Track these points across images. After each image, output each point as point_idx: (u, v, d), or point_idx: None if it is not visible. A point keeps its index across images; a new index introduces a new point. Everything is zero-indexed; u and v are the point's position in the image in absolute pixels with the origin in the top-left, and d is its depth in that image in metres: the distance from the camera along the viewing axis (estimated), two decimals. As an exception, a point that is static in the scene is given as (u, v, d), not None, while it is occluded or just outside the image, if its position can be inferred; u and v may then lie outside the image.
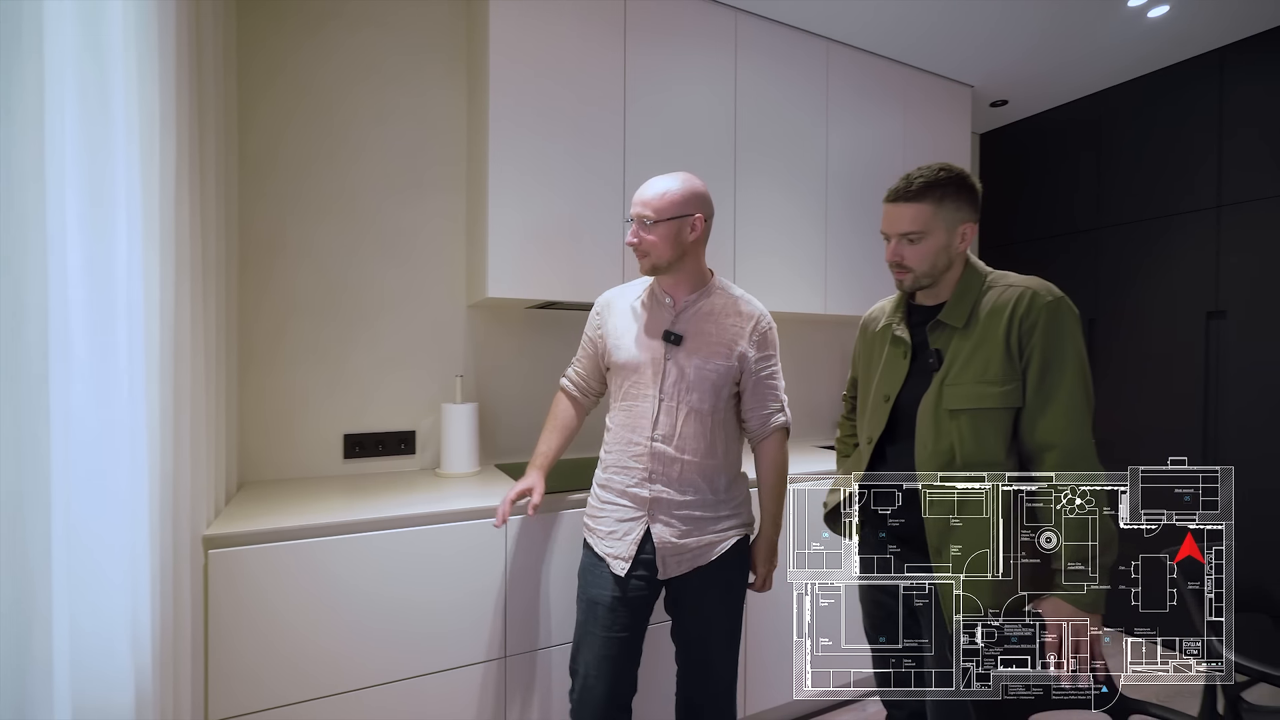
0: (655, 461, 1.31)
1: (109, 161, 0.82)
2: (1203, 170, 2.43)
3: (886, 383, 1.23)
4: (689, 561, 1.32)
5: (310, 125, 1.82)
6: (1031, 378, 1.06)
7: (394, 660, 1.40)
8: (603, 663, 1.31)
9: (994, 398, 1.07)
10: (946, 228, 1.14)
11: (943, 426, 1.11)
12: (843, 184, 2.43)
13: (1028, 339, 1.07)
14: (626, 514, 1.33)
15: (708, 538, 1.32)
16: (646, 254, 1.32)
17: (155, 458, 0.95)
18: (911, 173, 1.16)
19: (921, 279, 1.17)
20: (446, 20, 1.99)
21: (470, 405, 1.87)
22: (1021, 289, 1.10)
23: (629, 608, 1.32)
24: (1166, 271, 2.53)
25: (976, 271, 1.18)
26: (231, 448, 1.60)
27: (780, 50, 2.27)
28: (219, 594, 1.25)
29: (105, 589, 0.80)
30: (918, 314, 1.24)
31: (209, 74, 1.31)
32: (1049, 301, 1.07)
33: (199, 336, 1.22)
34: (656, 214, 1.29)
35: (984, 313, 1.12)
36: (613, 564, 1.32)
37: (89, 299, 0.79)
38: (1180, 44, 2.39)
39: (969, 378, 1.10)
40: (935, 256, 1.15)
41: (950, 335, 1.15)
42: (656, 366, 1.33)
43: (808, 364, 2.74)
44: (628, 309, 1.43)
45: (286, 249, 1.80)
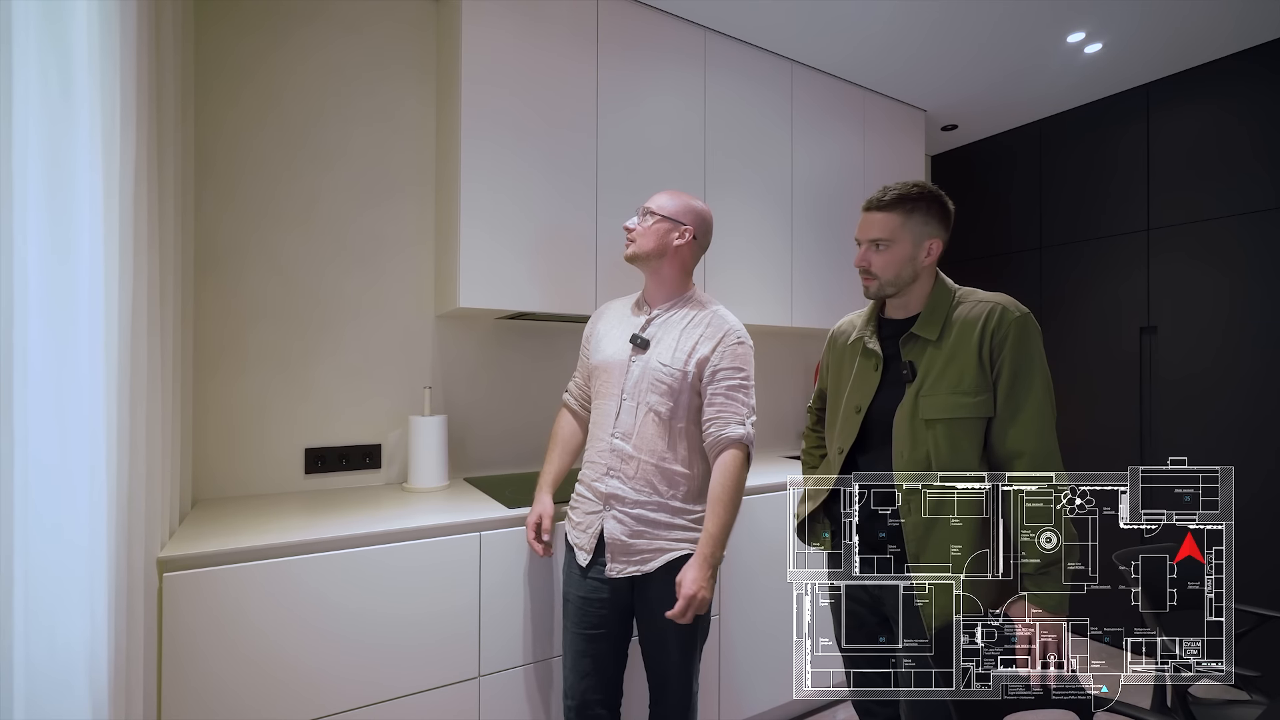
0: (614, 457, 1.36)
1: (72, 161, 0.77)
2: (1133, 195, 2.62)
3: (858, 394, 1.26)
4: (636, 564, 1.33)
5: (276, 130, 1.76)
6: (1002, 388, 1.12)
7: (360, 685, 1.34)
8: (576, 658, 1.37)
9: (968, 407, 1.12)
10: (913, 240, 1.19)
11: (919, 435, 1.15)
12: (807, 199, 2.50)
13: (999, 352, 1.12)
14: (591, 507, 1.38)
15: (657, 543, 1.32)
16: (633, 240, 1.41)
17: (113, 474, 0.89)
18: (889, 185, 1.22)
19: (885, 286, 1.22)
20: (416, 28, 1.96)
21: (439, 418, 1.82)
22: (992, 304, 1.16)
23: (596, 606, 1.36)
24: (1103, 290, 2.70)
25: (946, 287, 1.24)
26: (186, 463, 1.51)
27: (748, 68, 2.33)
28: (174, 620, 1.17)
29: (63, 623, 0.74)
30: (888, 327, 1.28)
31: (169, 78, 1.25)
32: (1017, 317, 1.13)
33: (155, 345, 1.16)
34: (658, 209, 1.41)
35: (955, 326, 1.17)
36: (578, 554, 1.39)
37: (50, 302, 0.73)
38: (1112, 78, 2.58)
39: (944, 388, 1.14)
40: (900, 266, 1.20)
41: (923, 348, 1.19)
42: (622, 367, 1.39)
43: (773, 376, 2.80)
44: (614, 315, 1.50)
45: (247, 254, 1.72)
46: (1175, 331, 2.49)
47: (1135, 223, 2.61)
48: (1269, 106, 2.27)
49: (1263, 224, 2.27)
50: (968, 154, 3.29)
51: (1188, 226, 2.46)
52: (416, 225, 1.96)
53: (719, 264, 2.24)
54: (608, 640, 1.37)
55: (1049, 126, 2.93)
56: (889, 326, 1.28)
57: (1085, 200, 2.78)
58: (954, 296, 1.22)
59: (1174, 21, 2.17)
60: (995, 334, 1.13)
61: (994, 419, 1.13)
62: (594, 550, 1.36)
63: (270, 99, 1.76)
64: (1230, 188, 2.35)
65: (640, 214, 1.43)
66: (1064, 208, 2.86)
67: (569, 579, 1.42)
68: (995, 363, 1.13)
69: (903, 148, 2.84)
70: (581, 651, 1.37)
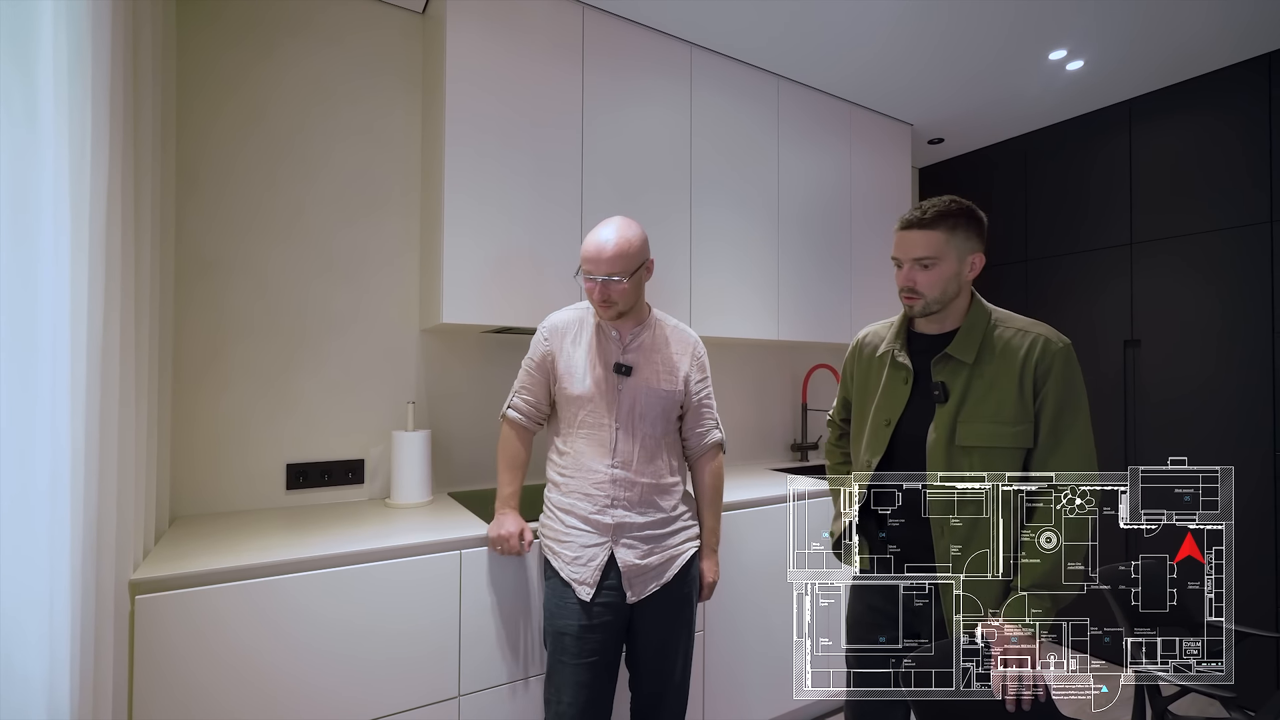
0: (616, 487, 1.36)
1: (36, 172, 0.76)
2: (1116, 209, 2.65)
3: (887, 407, 1.26)
4: (654, 578, 1.38)
5: (260, 143, 1.75)
6: (1046, 419, 1.12)
7: (339, 706, 1.32)
8: (577, 690, 1.34)
9: (1008, 437, 1.12)
10: (958, 256, 1.18)
11: (955, 462, 1.15)
12: (794, 212, 2.51)
13: (1042, 383, 1.13)
14: (591, 540, 1.36)
15: (667, 553, 1.40)
16: (614, 303, 1.34)
17: (79, 492, 0.88)
18: (924, 202, 1.20)
19: (931, 304, 1.20)
20: (402, 40, 1.96)
21: (422, 433, 1.81)
22: (1035, 335, 1.16)
23: (596, 633, 1.34)
24: (1088, 303, 2.72)
25: (983, 308, 1.23)
26: (163, 479, 1.50)
27: (733, 82, 2.34)
28: (146, 646, 1.15)
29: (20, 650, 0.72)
30: (918, 341, 1.27)
31: (146, 91, 1.24)
32: (1061, 349, 1.14)
33: (129, 357, 1.14)
34: (624, 272, 1.31)
35: (995, 353, 1.17)
36: (578, 589, 1.34)
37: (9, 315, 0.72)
38: (1094, 94, 2.60)
39: (984, 416, 1.14)
40: (946, 283, 1.18)
41: (958, 369, 1.18)
42: (612, 396, 1.39)
43: (760, 389, 2.80)
44: (577, 338, 1.45)
45: (230, 268, 1.71)
46: (1158, 345, 2.51)
47: (1118, 236, 2.63)
48: (1250, 121, 2.29)
49: (1245, 237, 2.29)
50: (954, 167, 3.31)
51: (1170, 240, 2.49)
52: (401, 238, 1.95)
53: (705, 277, 2.24)
54: (604, 666, 1.36)
55: (1034, 141, 2.96)
56: (919, 341, 1.27)
57: (1069, 214, 2.81)
58: (990, 318, 1.21)
59: (1156, 39, 2.19)
60: (1039, 365, 1.13)
61: (1034, 449, 1.13)
62: (598, 582, 1.34)
63: (255, 111, 1.75)
64: (1212, 202, 2.38)
65: (602, 284, 1.32)
66: (1048, 221, 2.88)
67: (562, 613, 1.36)
68: (1038, 394, 1.13)
69: (890, 161, 2.86)
70: (580, 683, 1.33)
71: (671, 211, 2.17)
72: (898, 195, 2.89)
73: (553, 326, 1.48)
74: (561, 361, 1.44)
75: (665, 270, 2.13)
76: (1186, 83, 2.46)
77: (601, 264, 1.31)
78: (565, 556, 1.38)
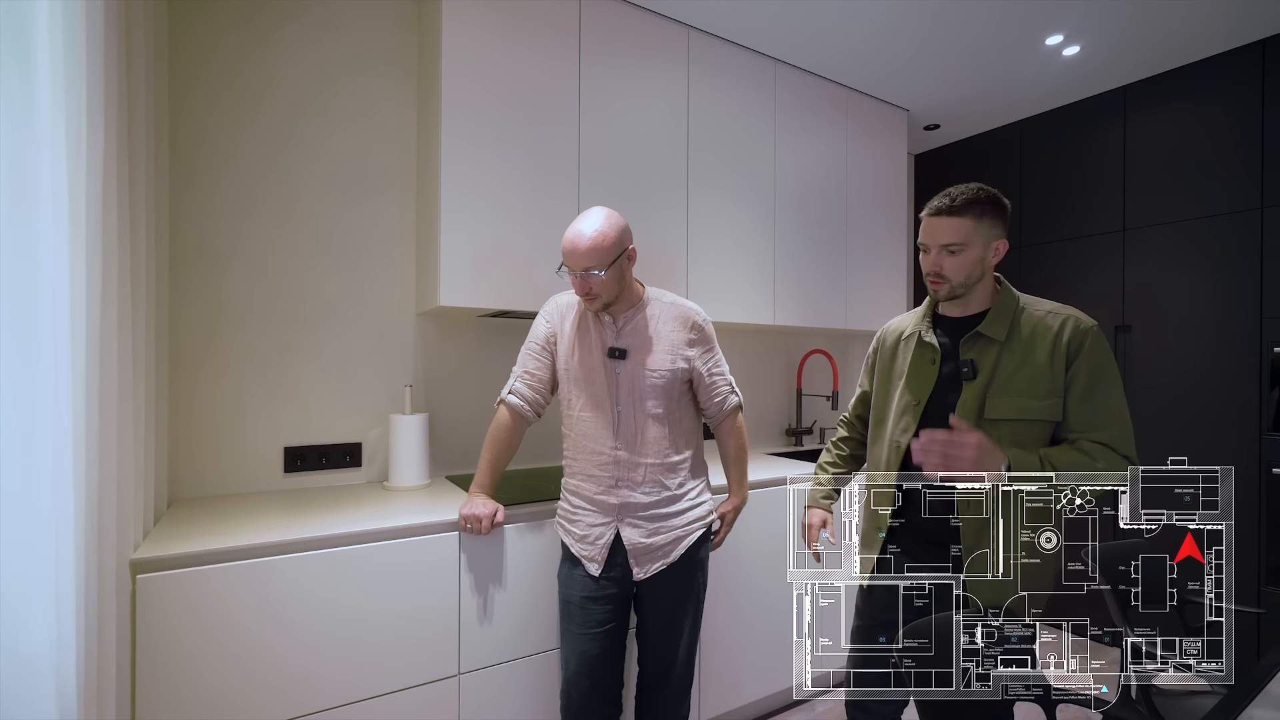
0: (619, 468, 1.39)
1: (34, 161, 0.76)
2: (1110, 195, 2.66)
3: (915, 388, 1.29)
4: (660, 556, 1.41)
5: (257, 129, 1.74)
6: (1076, 391, 1.16)
7: (339, 684, 1.34)
8: (583, 659, 1.38)
9: (1037, 410, 1.17)
10: (984, 242, 1.22)
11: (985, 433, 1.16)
12: (791, 197, 2.51)
13: (1073, 359, 1.17)
14: (597, 519, 1.40)
15: (674, 533, 1.42)
16: (597, 296, 1.35)
17: (80, 476, 0.88)
18: (952, 189, 1.23)
19: (957, 289, 1.24)
20: (399, 27, 1.94)
21: (420, 416, 1.82)
22: (1065, 315, 1.21)
23: (602, 604, 1.38)
24: (1081, 289, 2.74)
25: (1011, 291, 1.27)
26: (162, 462, 1.50)
27: (731, 67, 2.33)
28: (148, 623, 1.16)
29: (27, 630, 0.73)
30: (944, 324, 1.31)
31: (140, 78, 1.23)
32: (1091, 328, 1.19)
33: (126, 343, 1.14)
34: (600, 265, 1.31)
35: (1025, 332, 1.21)
36: (588, 565, 1.40)
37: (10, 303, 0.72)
38: (1090, 80, 2.61)
39: (1014, 390, 1.18)
40: (971, 268, 1.22)
41: (988, 347, 1.23)
42: (610, 380, 1.40)
43: (756, 373, 2.81)
44: (575, 322, 1.46)
45: (227, 254, 1.71)
46: (1149, 330, 2.53)
47: (1112, 222, 2.65)
48: (1245, 108, 2.31)
49: (1238, 224, 2.31)
50: (949, 153, 3.31)
51: (1163, 226, 2.50)
52: (398, 223, 1.94)
53: (702, 262, 2.24)
54: (612, 635, 1.41)
55: (1029, 127, 2.96)
56: (944, 324, 1.31)
57: (1063, 200, 2.82)
58: (1019, 301, 1.26)
59: (1151, 25, 2.20)
60: (1070, 343, 1.17)
61: (1066, 415, 1.17)
62: (605, 559, 1.39)
63: (251, 98, 1.74)
64: (1206, 188, 2.40)
65: (582, 277, 1.33)
66: (1042, 207, 2.90)
67: (570, 583, 1.42)
68: (1069, 369, 1.17)
69: (886, 147, 2.86)
70: (586, 651, 1.38)
71: (668, 197, 2.16)
72: (894, 182, 2.89)
73: (554, 308, 1.50)
74: (563, 344, 1.45)
75: (661, 255, 2.13)
76: (1181, 69, 2.47)
77: (579, 258, 1.31)
78: (575, 534, 1.43)
